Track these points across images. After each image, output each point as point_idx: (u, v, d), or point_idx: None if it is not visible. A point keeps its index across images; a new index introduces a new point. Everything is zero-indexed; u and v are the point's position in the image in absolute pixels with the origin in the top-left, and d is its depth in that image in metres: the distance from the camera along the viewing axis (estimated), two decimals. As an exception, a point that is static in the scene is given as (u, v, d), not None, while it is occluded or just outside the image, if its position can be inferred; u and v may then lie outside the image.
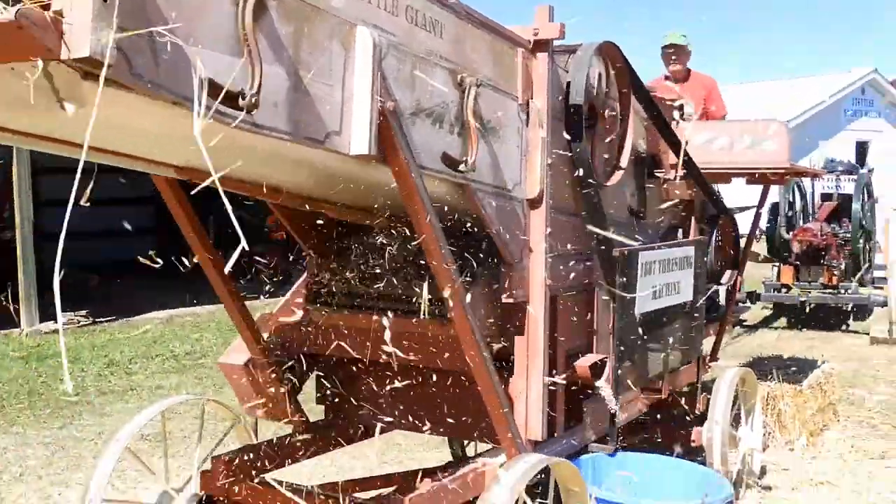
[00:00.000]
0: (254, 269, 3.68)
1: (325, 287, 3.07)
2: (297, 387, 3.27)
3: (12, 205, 9.08)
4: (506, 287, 2.79)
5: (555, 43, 2.85)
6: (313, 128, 1.91)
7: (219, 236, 4.09)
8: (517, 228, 2.78)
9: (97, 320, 9.40)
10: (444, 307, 2.53)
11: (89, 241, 8.45)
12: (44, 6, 1.37)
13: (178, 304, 9.78)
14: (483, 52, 2.55)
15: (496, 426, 2.67)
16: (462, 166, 2.39)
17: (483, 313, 2.81)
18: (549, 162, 2.84)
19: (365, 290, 3.00)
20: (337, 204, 2.67)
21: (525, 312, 2.85)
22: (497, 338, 2.91)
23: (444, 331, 2.76)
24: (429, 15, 2.29)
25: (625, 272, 3.24)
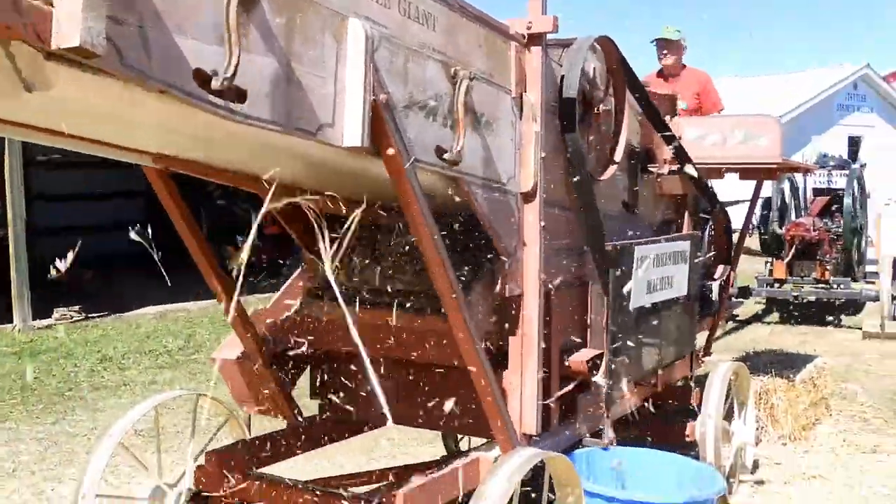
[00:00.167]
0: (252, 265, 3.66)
1: (320, 282, 3.06)
2: (290, 382, 3.26)
3: (4, 201, 9.03)
4: (500, 281, 2.79)
5: (549, 37, 2.85)
6: (305, 119, 1.90)
7: (211, 231, 4.08)
8: (511, 222, 2.77)
9: (90, 316, 9.37)
10: (437, 301, 2.52)
11: (81, 235, 8.40)
12: None
13: (172, 300, 9.75)
14: (476, 45, 2.54)
15: (490, 420, 2.67)
16: (447, 154, 2.36)
17: (477, 307, 2.81)
18: (543, 156, 2.84)
19: (361, 284, 2.99)
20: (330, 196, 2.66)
21: (519, 306, 2.85)
22: (491, 332, 2.91)
23: (441, 325, 2.76)
24: (421, 7, 2.28)
25: (619, 266, 3.24)
